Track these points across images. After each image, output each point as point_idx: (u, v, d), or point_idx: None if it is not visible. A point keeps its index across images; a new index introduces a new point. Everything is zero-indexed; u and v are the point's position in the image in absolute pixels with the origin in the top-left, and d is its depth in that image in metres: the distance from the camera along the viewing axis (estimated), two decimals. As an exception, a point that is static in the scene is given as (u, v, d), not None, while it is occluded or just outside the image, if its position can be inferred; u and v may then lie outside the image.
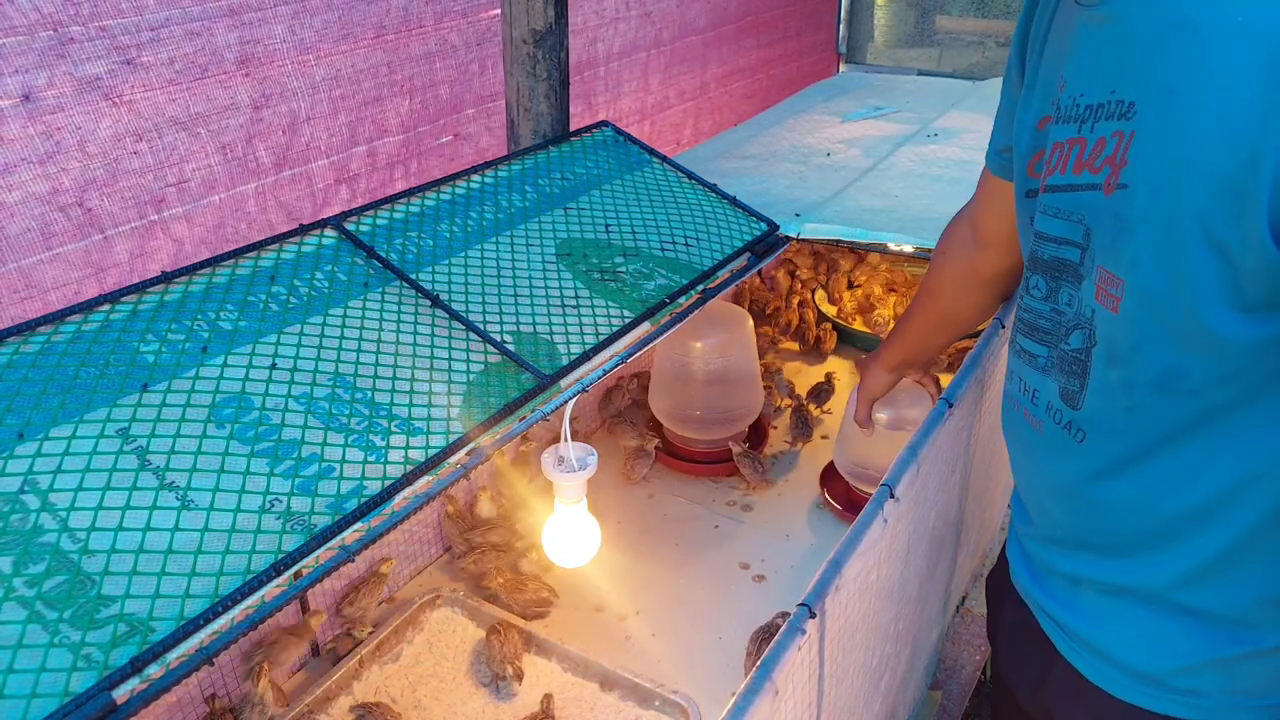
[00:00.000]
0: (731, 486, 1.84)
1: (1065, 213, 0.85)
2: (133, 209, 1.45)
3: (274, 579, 0.83)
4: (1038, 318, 0.91)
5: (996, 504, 1.88)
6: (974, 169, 1.25)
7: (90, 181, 1.40)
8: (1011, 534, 1.13)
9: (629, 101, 2.52)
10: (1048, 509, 0.99)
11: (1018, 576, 1.08)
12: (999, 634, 1.18)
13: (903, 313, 1.49)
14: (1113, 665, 0.95)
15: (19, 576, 0.78)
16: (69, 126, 1.36)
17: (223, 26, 1.50)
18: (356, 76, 1.74)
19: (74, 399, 0.93)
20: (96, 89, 1.37)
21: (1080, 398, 0.88)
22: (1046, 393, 0.92)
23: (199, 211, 1.54)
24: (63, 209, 1.38)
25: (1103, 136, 0.79)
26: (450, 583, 1.58)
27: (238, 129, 1.56)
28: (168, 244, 1.50)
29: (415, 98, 1.85)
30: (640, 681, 1.34)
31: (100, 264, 1.43)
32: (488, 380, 1.10)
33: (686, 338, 1.78)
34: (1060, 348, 0.89)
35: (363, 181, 1.80)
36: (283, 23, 1.59)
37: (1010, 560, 1.11)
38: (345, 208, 1.77)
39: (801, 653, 0.86)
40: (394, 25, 1.77)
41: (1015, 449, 1.04)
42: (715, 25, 2.80)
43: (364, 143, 1.79)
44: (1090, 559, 0.95)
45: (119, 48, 1.38)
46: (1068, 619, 0.98)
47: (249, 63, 1.55)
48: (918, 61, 3.47)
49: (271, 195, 1.64)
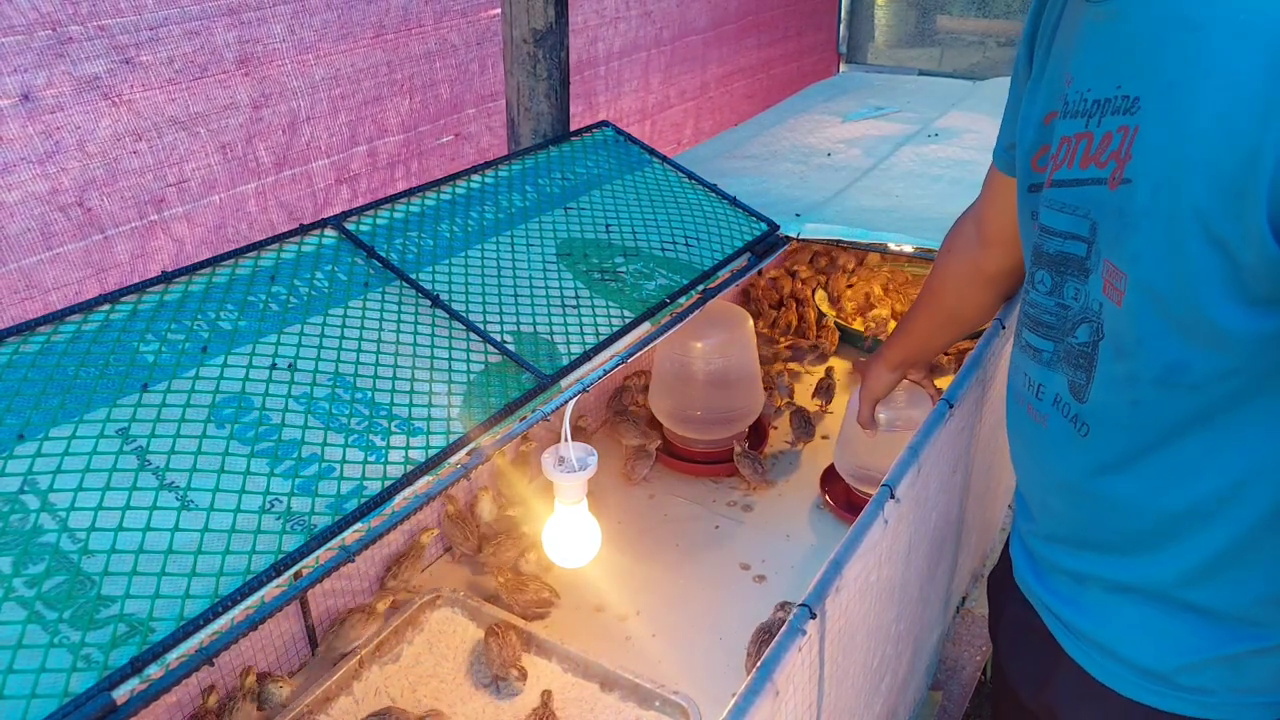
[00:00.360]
0: (732, 487, 1.84)
1: (1071, 207, 0.85)
2: (133, 209, 1.45)
3: (274, 579, 0.83)
4: (1043, 312, 0.92)
5: (997, 504, 1.88)
6: (975, 169, 1.26)
7: (90, 181, 1.40)
8: (1014, 532, 1.13)
9: (629, 101, 2.52)
10: (1051, 506, 0.99)
11: (1021, 575, 1.08)
12: (1001, 633, 1.18)
13: (905, 312, 1.50)
14: (1119, 663, 0.94)
15: (19, 576, 0.78)
16: (68, 126, 1.36)
17: (221, 26, 1.50)
18: (356, 76, 1.74)
19: (74, 399, 0.93)
20: (95, 88, 1.37)
21: (1086, 391, 0.88)
22: (1053, 386, 0.92)
23: (199, 211, 1.54)
24: (62, 209, 1.38)
25: (1109, 131, 0.80)
26: (451, 582, 1.58)
27: (237, 128, 1.56)
28: (168, 244, 1.50)
29: (415, 97, 1.85)
30: (640, 682, 1.34)
31: (101, 264, 1.43)
32: (488, 380, 1.10)
33: (687, 338, 1.78)
34: (1067, 342, 0.89)
35: (364, 181, 1.80)
36: (282, 22, 1.59)
37: (1013, 558, 1.11)
38: (346, 208, 1.77)
39: (802, 653, 0.86)
40: (394, 25, 1.77)
41: (1018, 445, 1.04)
42: (716, 25, 2.80)
43: (364, 142, 1.79)
44: (1094, 556, 0.95)
45: (118, 47, 1.38)
46: (1072, 617, 0.98)
47: (248, 62, 1.55)
48: (918, 61, 3.47)
49: (272, 195, 1.64)
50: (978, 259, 1.30)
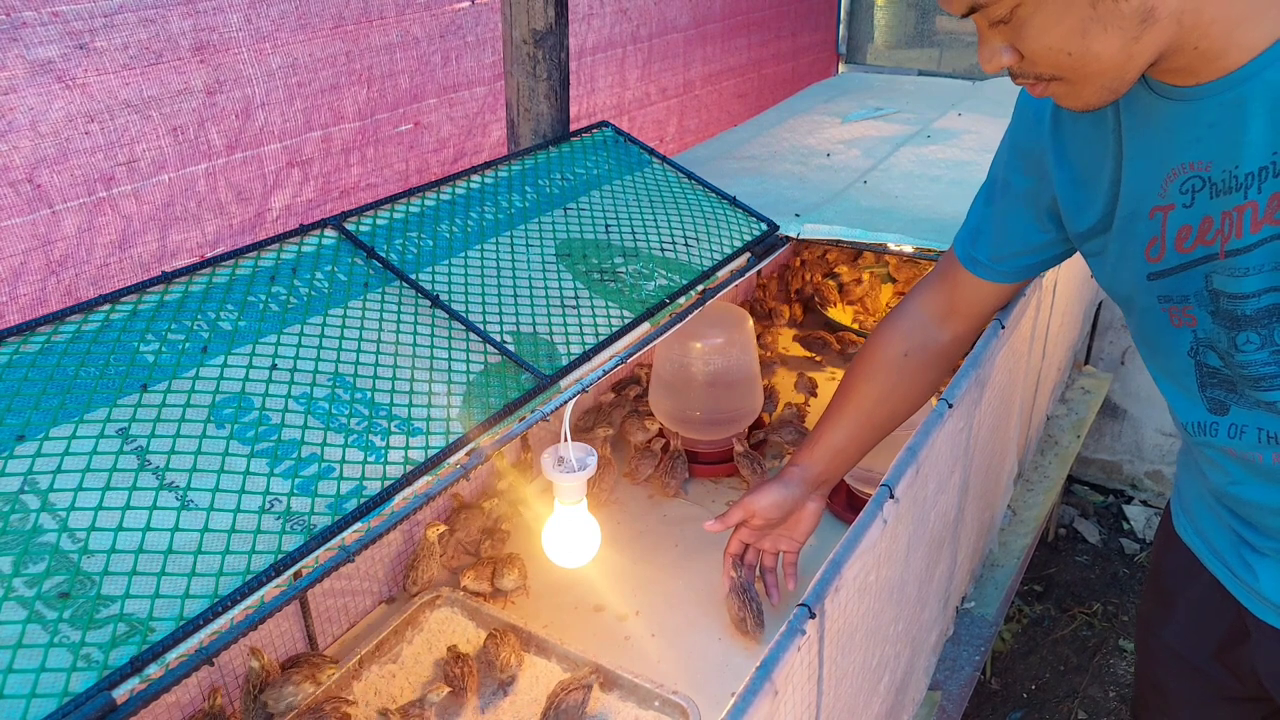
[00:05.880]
0: (732, 487, 1.84)
1: (1259, 266, 0.88)
2: (82, 186, 1.48)
3: (274, 579, 0.83)
4: (1260, 366, 0.92)
5: (996, 505, 1.88)
6: (974, 170, 1.26)
7: (41, 160, 1.43)
8: (1217, 527, 1.14)
9: (604, 97, 2.51)
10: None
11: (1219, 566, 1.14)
12: (1181, 602, 1.24)
13: (818, 424, 1.37)
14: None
15: (19, 576, 0.78)
16: (21, 107, 1.38)
17: (177, 14, 1.53)
18: (314, 65, 1.75)
19: (74, 399, 0.93)
20: (49, 72, 1.40)
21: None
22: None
23: (148, 190, 1.56)
24: (12, 184, 1.40)
25: (1275, 192, 0.84)
26: (450, 581, 1.58)
27: (190, 112, 1.59)
28: (116, 219, 1.53)
29: (373, 86, 1.86)
30: (640, 682, 1.34)
31: (48, 237, 1.47)
32: (488, 380, 1.10)
33: (686, 338, 1.78)
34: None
35: (316, 165, 1.81)
36: (239, 11, 1.61)
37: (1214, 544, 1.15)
38: (297, 190, 1.78)
39: (801, 653, 0.86)
40: (354, 16, 1.78)
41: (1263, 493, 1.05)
42: (699, 23, 2.79)
43: (319, 128, 1.80)
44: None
45: (72, 33, 1.41)
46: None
47: (204, 49, 1.58)
48: (918, 62, 3.47)
49: (222, 176, 1.67)
50: (935, 336, 1.32)
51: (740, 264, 1.48)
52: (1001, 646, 2.66)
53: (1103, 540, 3.07)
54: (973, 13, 0.86)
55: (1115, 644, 2.68)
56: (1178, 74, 0.87)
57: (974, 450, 1.45)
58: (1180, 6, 0.80)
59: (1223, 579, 1.13)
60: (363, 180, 1.90)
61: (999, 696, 2.53)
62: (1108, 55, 0.82)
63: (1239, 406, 0.97)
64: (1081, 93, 0.87)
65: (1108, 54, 0.82)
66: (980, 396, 1.38)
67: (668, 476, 1.77)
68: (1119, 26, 0.80)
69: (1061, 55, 0.83)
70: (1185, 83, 0.87)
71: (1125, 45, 0.82)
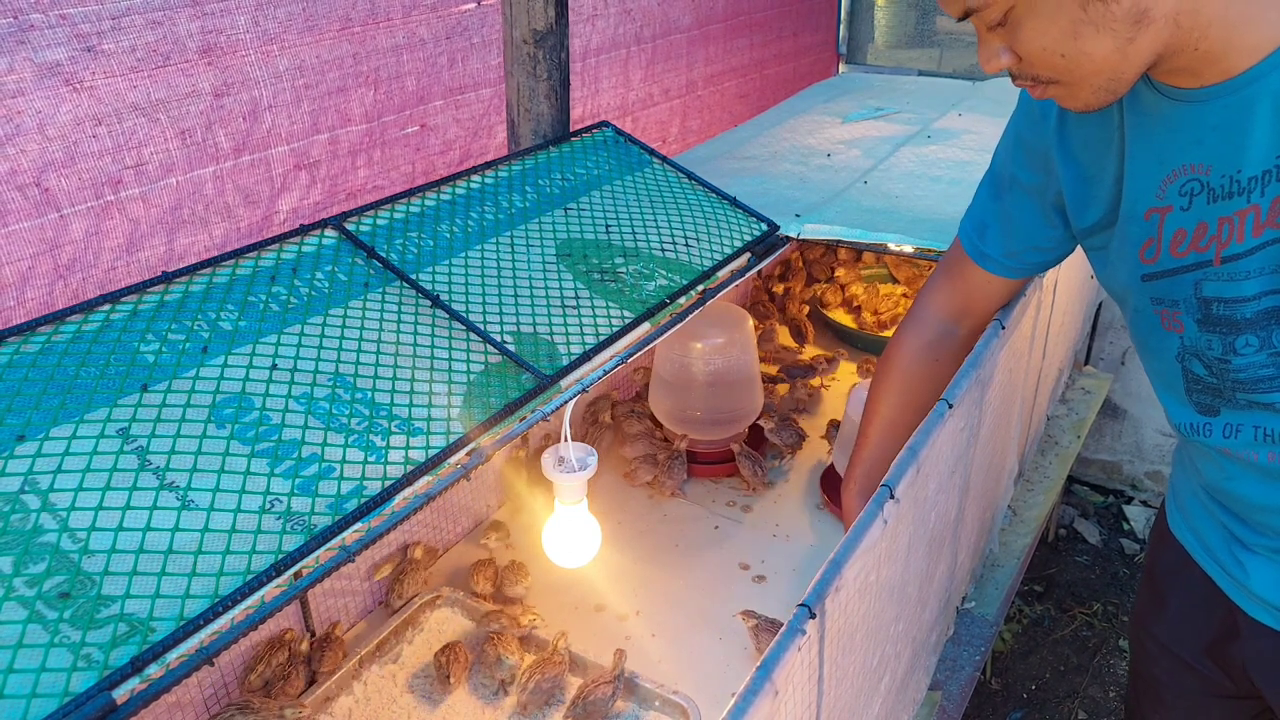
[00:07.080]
0: (731, 487, 1.84)
1: (1259, 270, 0.88)
2: (90, 189, 1.48)
3: (274, 579, 0.83)
4: (1259, 368, 0.92)
5: (997, 505, 1.88)
6: (975, 170, 1.26)
7: (49, 163, 1.42)
8: (1206, 523, 1.14)
9: (608, 98, 2.51)
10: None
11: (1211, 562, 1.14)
12: (1173, 599, 1.24)
13: (862, 428, 1.41)
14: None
15: (19, 576, 0.78)
16: (29, 110, 1.38)
17: (185, 16, 1.53)
18: (321, 67, 1.75)
19: (74, 399, 0.93)
20: (57, 75, 1.40)
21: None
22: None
23: (155, 193, 1.56)
24: (20, 189, 1.40)
25: (1278, 196, 0.84)
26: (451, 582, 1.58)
27: (198, 115, 1.59)
28: (123, 223, 1.53)
29: (380, 89, 1.86)
30: (640, 682, 1.34)
31: (55, 241, 1.46)
32: (488, 380, 1.10)
33: (686, 338, 1.78)
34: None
35: (323, 168, 1.81)
36: (246, 14, 1.61)
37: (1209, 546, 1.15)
38: (304, 193, 1.77)
39: (801, 653, 0.86)
40: (360, 18, 1.78)
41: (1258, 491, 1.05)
42: (702, 23, 2.78)
43: (326, 131, 1.80)
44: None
45: (80, 35, 1.41)
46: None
47: (211, 52, 1.58)
48: (918, 62, 3.47)
49: (229, 179, 1.66)
50: (954, 334, 1.35)
51: (740, 264, 1.48)
52: (1002, 646, 2.66)
53: (1103, 540, 3.07)
54: (969, 15, 0.86)
55: (1115, 644, 2.68)
56: (1180, 75, 0.87)
57: (974, 450, 1.45)
58: (1176, 8, 0.80)
59: (1214, 576, 1.13)
60: (369, 183, 1.90)
61: (999, 696, 2.53)
62: (1100, 57, 0.83)
63: (1230, 409, 0.97)
64: (1079, 94, 0.87)
65: (1100, 55, 0.82)
66: (981, 396, 1.38)
67: (666, 476, 1.77)
68: (1110, 28, 0.81)
69: (1055, 57, 0.84)
70: (1189, 84, 0.87)
71: (1119, 47, 0.82)
